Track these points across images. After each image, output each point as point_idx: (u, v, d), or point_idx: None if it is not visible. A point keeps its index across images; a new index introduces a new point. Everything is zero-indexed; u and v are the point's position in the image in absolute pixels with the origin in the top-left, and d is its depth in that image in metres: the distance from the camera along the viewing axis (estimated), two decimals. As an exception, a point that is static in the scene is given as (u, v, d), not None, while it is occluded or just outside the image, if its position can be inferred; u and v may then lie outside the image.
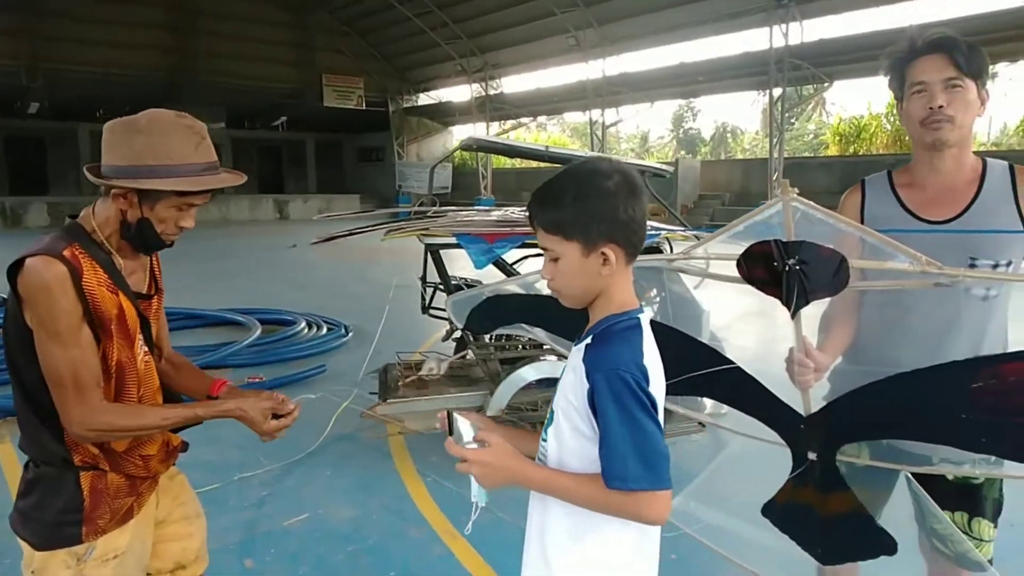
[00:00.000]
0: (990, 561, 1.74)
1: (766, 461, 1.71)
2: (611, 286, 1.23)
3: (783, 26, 18.60)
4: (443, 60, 28.42)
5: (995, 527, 1.76)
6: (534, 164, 19.94)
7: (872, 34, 17.80)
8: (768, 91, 20.04)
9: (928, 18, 16.97)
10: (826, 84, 19.98)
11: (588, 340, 1.23)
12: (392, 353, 4.74)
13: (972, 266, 1.64)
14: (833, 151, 23.34)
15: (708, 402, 2.49)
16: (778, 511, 1.67)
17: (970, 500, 1.73)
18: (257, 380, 5.45)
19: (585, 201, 1.18)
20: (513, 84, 28.57)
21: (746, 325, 7.23)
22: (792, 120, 37.75)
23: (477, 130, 27.90)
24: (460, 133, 32.76)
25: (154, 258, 1.76)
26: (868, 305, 1.79)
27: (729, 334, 6.41)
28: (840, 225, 1.38)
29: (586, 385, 1.16)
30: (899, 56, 1.72)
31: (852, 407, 1.53)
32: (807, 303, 1.40)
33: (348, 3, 26.76)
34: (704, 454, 4.12)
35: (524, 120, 30.00)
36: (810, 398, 1.58)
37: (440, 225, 4.04)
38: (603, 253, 1.19)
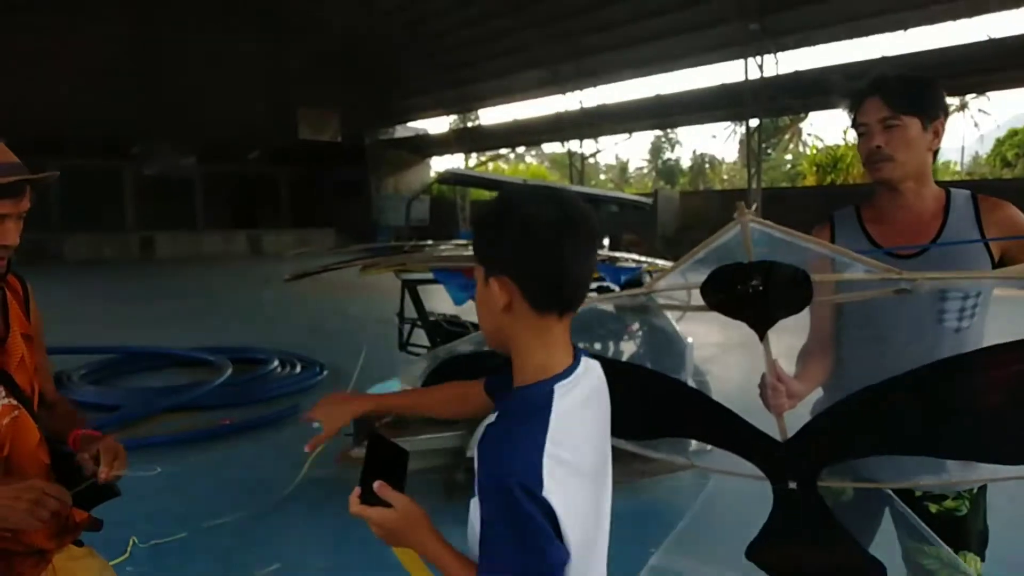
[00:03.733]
0: None
1: (749, 498, 1.65)
2: (521, 341, 1.08)
3: (758, 59, 18.97)
4: (421, 93, 28.61)
5: (982, 560, 1.72)
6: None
7: (846, 66, 18.19)
8: (745, 122, 20.33)
9: (899, 51, 17.35)
10: (801, 115, 20.34)
11: (492, 418, 1.05)
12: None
13: (943, 299, 1.64)
14: (810, 181, 23.67)
15: (694, 441, 2.39)
16: (762, 552, 1.60)
17: (955, 533, 1.69)
18: (227, 423, 5.25)
19: (494, 226, 1.05)
20: (491, 116, 28.85)
21: (731, 356, 7.16)
22: (769, 151, 38.45)
23: (455, 162, 28.06)
24: (438, 165, 32.94)
25: (9, 293, 1.52)
26: (845, 341, 1.78)
27: (715, 366, 6.32)
28: (799, 241, 1.35)
29: (476, 469, 1.02)
30: (851, 100, 1.75)
31: (828, 425, 1.50)
32: (773, 323, 1.37)
33: (324, 35, 26.93)
34: (692, 492, 3.99)
35: (502, 151, 30.20)
36: (785, 424, 1.53)
37: (417, 260, 3.93)
38: (496, 286, 1.04)
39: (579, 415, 1.06)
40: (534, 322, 1.06)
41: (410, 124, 31.79)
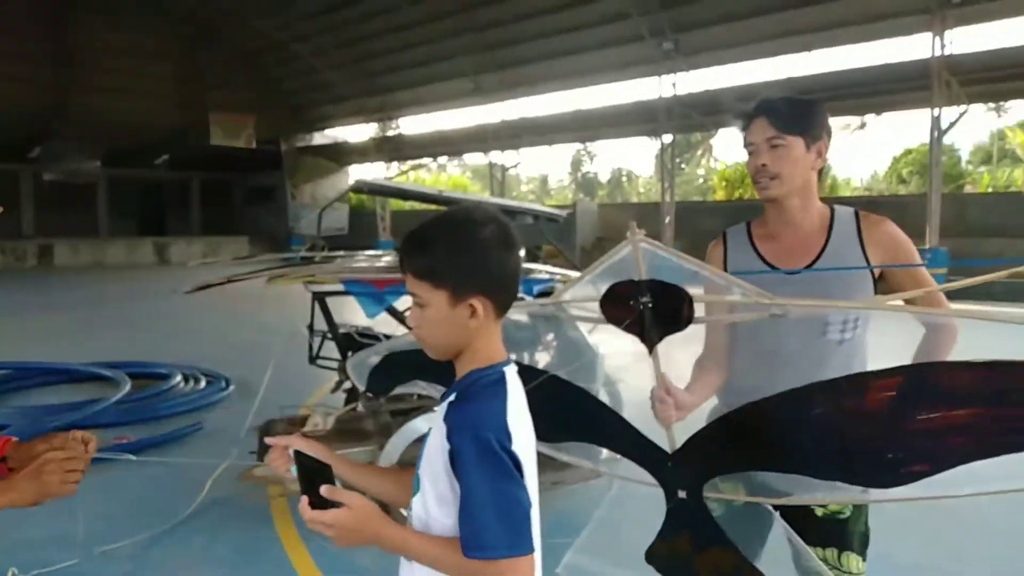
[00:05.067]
0: None
1: (652, 503, 1.69)
2: (478, 339, 1.19)
3: (671, 76, 19.59)
4: (340, 99, 28.15)
5: (864, 560, 1.81)
6: (434, 207, 19.92)
7: (754, 85, 18.99)
8: (659, 138, 20.94)
9: (802, 72, 18.25)
10: (712, 132, 21.10)
11: (452, 397, 1.19)
12: (277, 408, 4.44)
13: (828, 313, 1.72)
14: (720, 196, 24.57)
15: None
16: (658, 557, 1.67)
17: (838, 535, 1.78)
18: (124, 441, 4.98)
19: (458, 250, 1.15)
20: (412, 125, 28.63)
21: (644, 365, 7.31)
22: (682, 165, 39.67)
23: (375, 170, 27.72)
24: (358, 173, 32.41)
25: None
26: (739, 351, 1.84)
27: (627, 375, 6.44)
28: (683, 264, 1.42)
29: (447, 446, 1.11)
30: (741, 121, 1.84)
31: (712, 438, 1.55)
32: (661, 339, 1.44)
33: (240, 39, 26.17)
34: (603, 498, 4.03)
35: (424, 161, 30.02)
36: (674, 435, 1.59)
37: (327, 271, 3.84)
38: (471, 305, 1.15)
39: (521, 397, 1.20)
40: (493, 327, 1.20)
41: (329, 131, 31.21)
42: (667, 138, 20.81)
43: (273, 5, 23.53)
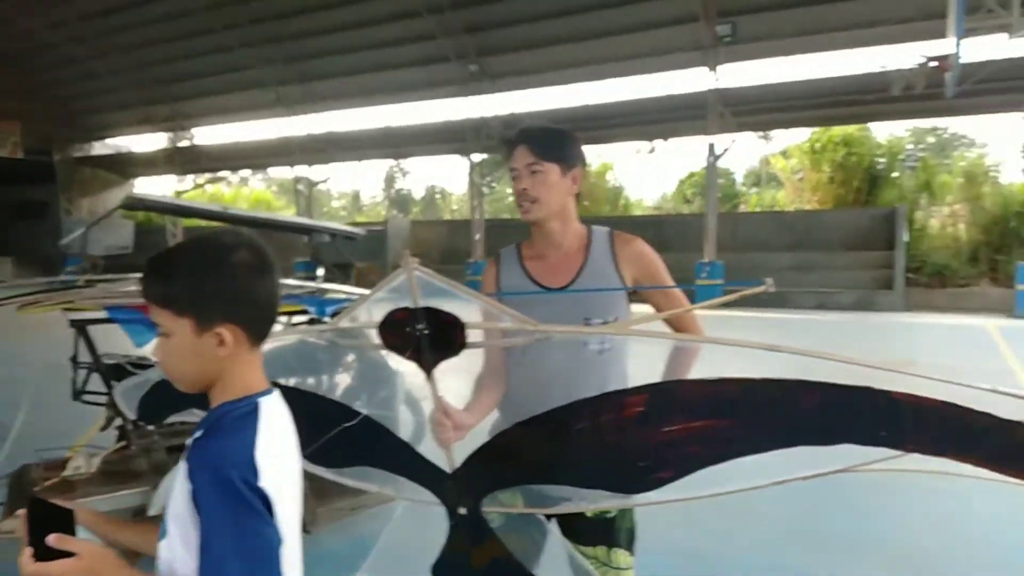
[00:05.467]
0: None
1: (436, 521, 1.73)
2: (230, 370, 1.14)
3: (478, 98, 20.09)
4: (124, 106, 25.76)
5: (631, 554, 1.94)
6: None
7: (559, 110, 20.02)
8: (468, 157, 21.36)
9: (598, 100, 19.51)
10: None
11: (198, 433, 1.13)
12: (32, 451, 3.90)
13: (587, 323, 1.85)
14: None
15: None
16: (444, 568, 1.72)
17: (607, 533, 1.90)
18: None
19: (202, 276, 1.10)
20: (210, 135, 26.83)
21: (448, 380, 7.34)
22: (493, 184, 40.73)
23: (166, 183, 25.63)
24: (146, 186, 29.83)
25: None
26: (512, 365, 1.93)
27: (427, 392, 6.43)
28: (456, 291, 1.47)
29: (189, 486, 1.05)
30: (506, 148, 1.95)
31: (487, 457, 1.61)
32: (437, 364, 1.48)
33: (6, 36, 23.11)
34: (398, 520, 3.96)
35: (223, 174, 28.27)
36: (453, 455, 1.63)
37: (87, 297, 3.44)
38: (218, 333, 1.10)
39: (282, 426, 1.16)
40: (247, 356, 1.14)
41: (112, 140, 28.42)
42: (476, 157, 21.28)
43: (40, 3, 21.03)
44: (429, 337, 1.45)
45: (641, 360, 1.67)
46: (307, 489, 2.28)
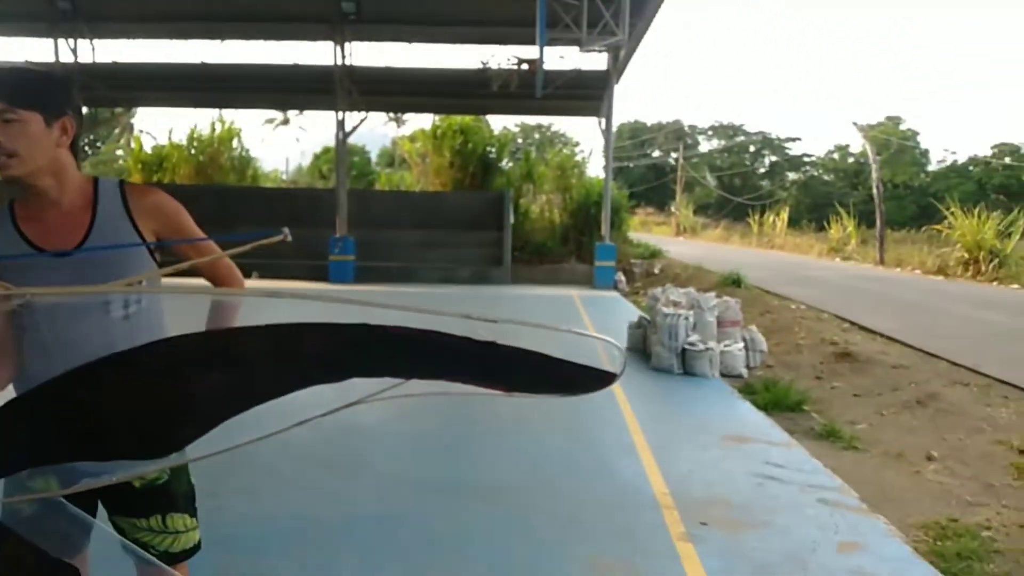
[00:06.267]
0: (197, 546, 1.90)
1: None
2: None
3: (71, 42, 17.19)
4: None
5: (193, 516, 1.89)
6: None
7: (171, 65, 18.07)
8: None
9: (219, 60, 18.11)
10: (122, 109, 19.33)
11: None
12: None
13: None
14: (137, 179, 22.75)
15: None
16: None
17: (160, 500, 1.82)
18: None
19: None
20: None
21: None
22: (97, 143, 35.43)
23: None
24: None
25: None
26: (29, 342, 1.71)
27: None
28: None
29: None
30: None
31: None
32: None
33: None
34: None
35: None
36: None
37: None
38: None
39: None
40: None
41: None
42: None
43: None
44: None
45: (181, 318, 1.57)
46: None
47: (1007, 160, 45.32)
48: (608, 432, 5.43)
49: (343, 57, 16.77)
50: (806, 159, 61.32)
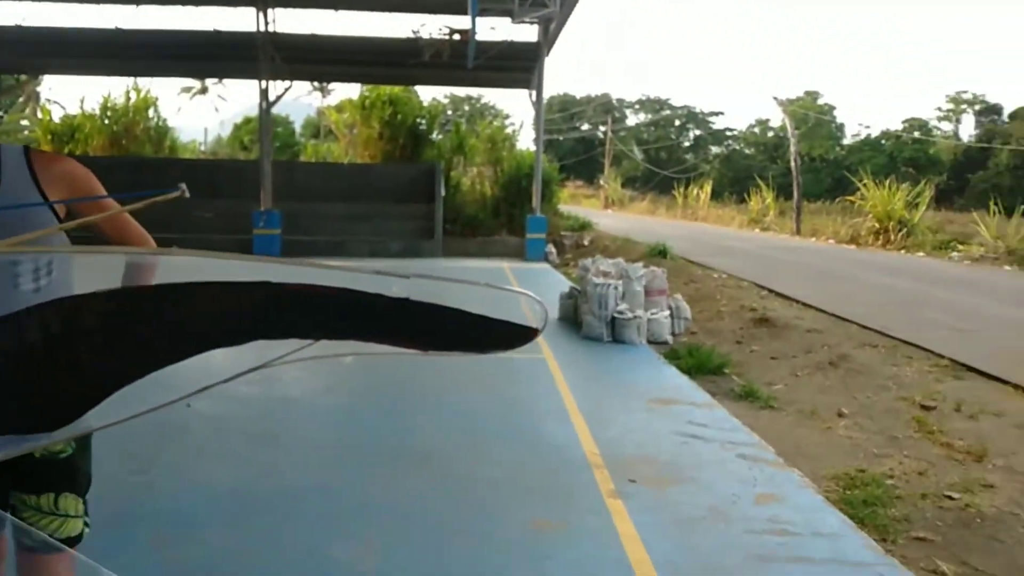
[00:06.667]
0: (79, 537, 1.76)
1: None
2: None
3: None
4: None
5: (84, 501, 1.79)
6: None
7: (81, 30, 17.04)
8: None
9: (131, 25, 17.15)
10: (28, 77, 18.13)
11: None
12: None
13: (15, 263, 1.60)
14: (46, 148, 21.48)
15: None
16: None
17: (59, 477, 1.72)
18: None
19: None
20: None
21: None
22: (1, 112, 33.16)
23: None
24: None
25: None
26: None
27: None
28: None
29: None
30: None
31: None
32: None
33: None
34: None
35: None
36: None
37: None
38: None
39: None
40: None
41: None
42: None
43: None
44: None
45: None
46: None
47: (916, 134, 47.63)
48: (541, 398, 5.52)
49: (266, 23, 16.15)
50: (728, 133, 62.87)
